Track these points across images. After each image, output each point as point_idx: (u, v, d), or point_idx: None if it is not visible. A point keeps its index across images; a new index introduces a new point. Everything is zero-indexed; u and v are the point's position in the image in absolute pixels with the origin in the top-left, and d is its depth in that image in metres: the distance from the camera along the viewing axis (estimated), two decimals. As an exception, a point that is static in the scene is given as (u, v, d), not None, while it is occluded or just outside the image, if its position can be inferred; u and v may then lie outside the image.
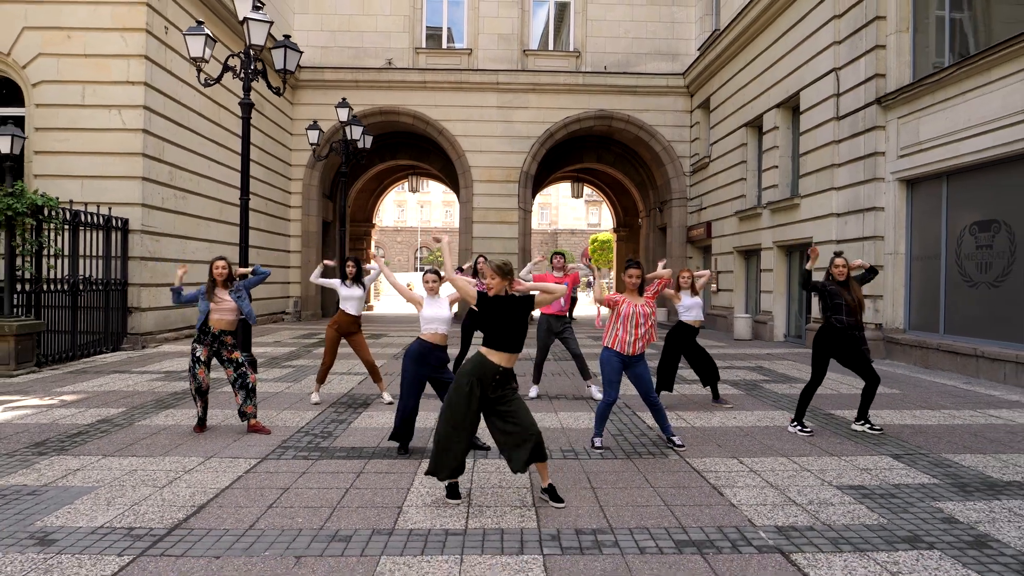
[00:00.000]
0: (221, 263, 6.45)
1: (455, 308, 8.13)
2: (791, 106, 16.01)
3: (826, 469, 5.25)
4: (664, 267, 6.74)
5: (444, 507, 4.35)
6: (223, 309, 6.36)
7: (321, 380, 7.95)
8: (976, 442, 6.19)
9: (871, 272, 6.94)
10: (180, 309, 14.78)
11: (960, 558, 3.60)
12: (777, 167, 16.41)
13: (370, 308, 28.66)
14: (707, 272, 8.38)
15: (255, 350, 12.95)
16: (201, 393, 6.30)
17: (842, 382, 9.68)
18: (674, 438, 5.92)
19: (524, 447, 4.23)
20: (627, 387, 8.29)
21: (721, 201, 19.83)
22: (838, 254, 6.68)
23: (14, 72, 13.40)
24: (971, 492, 4.72)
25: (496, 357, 4.32)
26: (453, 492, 4.50)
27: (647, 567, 3.48)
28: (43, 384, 9.00)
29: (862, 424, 6.61)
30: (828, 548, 3.73)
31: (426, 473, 4.41)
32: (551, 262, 8.59)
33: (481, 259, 8.73)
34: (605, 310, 6.05)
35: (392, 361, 11.72)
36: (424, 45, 22.62)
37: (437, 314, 5.65)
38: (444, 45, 23.19)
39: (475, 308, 4.49)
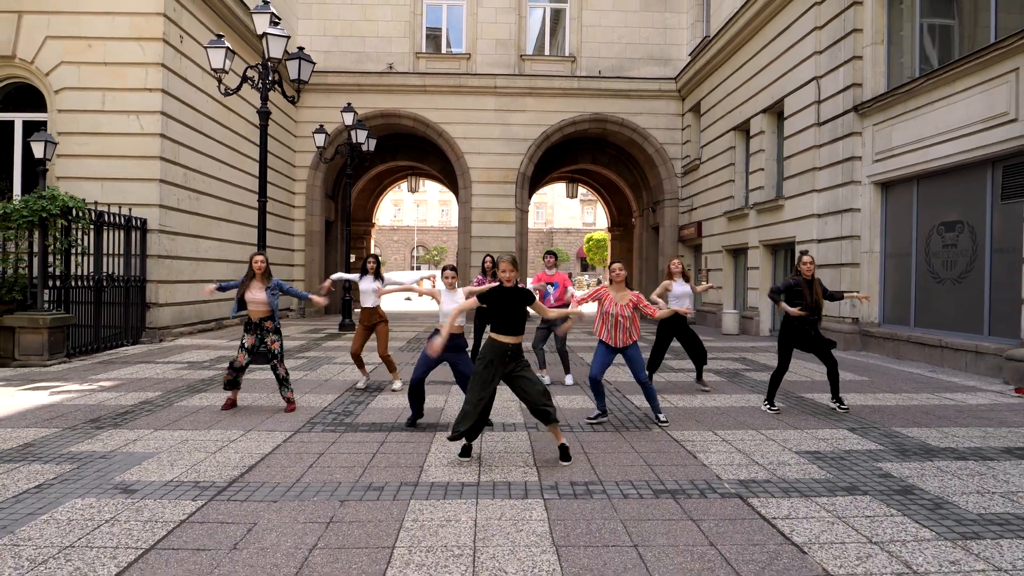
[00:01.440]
0: (260, 257, 7.19)
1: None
2: (776, 111, 16.80)
3: (789, 439, 6.03)
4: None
5: (459, 466, 5.12)
6: (255, 300, 7.11)
7: (359, 366, 8.67)
8: (925, 418, 6.99)
9: (840, 296, 7.72)
10: (195, 305, 15.53)
11: (886, 501, 4.38)
12: (763, 169, 17.20)
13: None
14: (710, 286, 9.27)
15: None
16: (233, 368, 7.06)
17: (816, 371, 10.46)
18: (660, 415, 6.68)
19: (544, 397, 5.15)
20: (619, 374, 9.07)
21: (711, 202, 20.62)
22: (804, 252, 7.45)
23: (37, 79, 14.10)
24: (909, 456, 5.50)
25: (504, 339, 5.14)
26: (466, 452, 5.33)
27: (628, 507, 4.25)
28: (77, 372, 9.73)
29: (835, 402, 7.36)
30: (779, 495, 4.50)
31: (449, 438, 5.20)
32: (543, 260, 9.35)
33: (488, 259, 9.53)
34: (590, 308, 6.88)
35: (397, 353, 12.46)
36: (424, 50, 23.37)
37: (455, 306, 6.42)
38: (443, 50, 23.94)
39: (484, 306, 5.32)
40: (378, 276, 8.55)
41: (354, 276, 8.71)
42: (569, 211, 77.23)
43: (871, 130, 12.91)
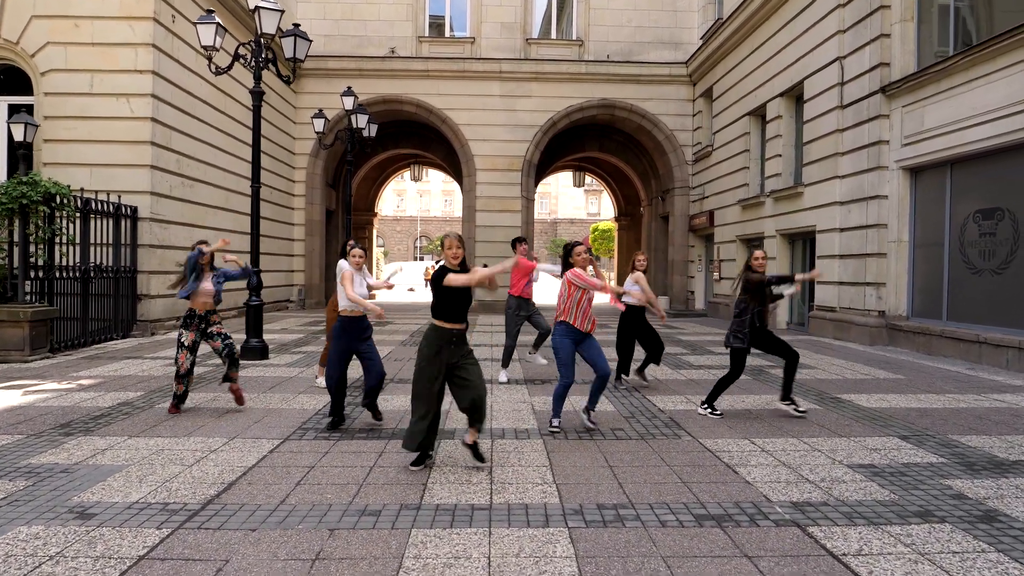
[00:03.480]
0: (207, 248, 6.59)
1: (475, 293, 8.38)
2: (795, 95, 16.08)
3: (836, 449, 5.39)
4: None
5: (468, 484, 4.48)
6: (206, 292, 6.53)
7: (324, 363, 8.04)
8: (981, 424, 6.33)
9: (789, 280, 7.10)
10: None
11: (970, 531, 3.73)
12: (780, 156, 16.49)
13: (372, 297, 28.54)
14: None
15: (265, 336, 13.06)
16: (179, 376, 6.46)
17: (846, 368, 9.81)
18: (591, 412, 6.07)
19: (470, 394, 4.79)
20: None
21: (724, 190, 19.92)
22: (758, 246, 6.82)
23: (23, 61, 13.43)
24: (979, 471, 4.85)
25: (449, 325, 4.81)
26: (420, 459, 4.89)
27: (669, 539, 3.61)
28: (59, 369, 9.12)
29: (788, 404, 6.70)
30: (843, 522, 3.86)
31: (413, 460, 4.90)
32: (514, 249, 8.96)
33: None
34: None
35: (399, 348, 11.83)
36: (427, 34, 22.65)
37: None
38: (447, 34, 23.22)
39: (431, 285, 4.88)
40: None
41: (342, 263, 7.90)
42: (574, 201, 76.40)
43: (900, 112, 12.19)
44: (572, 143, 26.06)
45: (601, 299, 9.33)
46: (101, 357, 10.34)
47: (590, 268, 6.08)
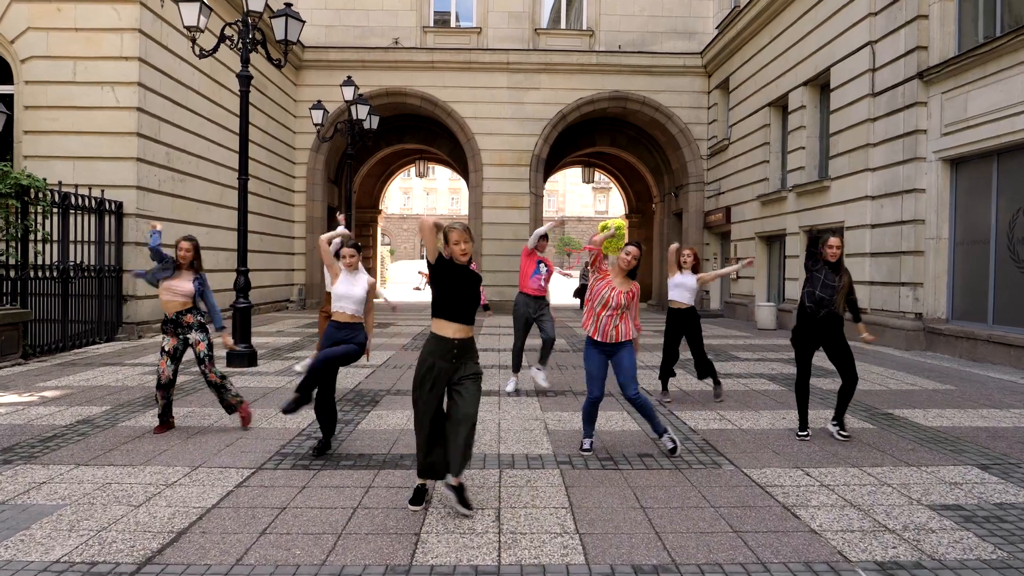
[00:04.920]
0: (187, 244, 5.78)
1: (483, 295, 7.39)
2: (820, 83, 15.18)
3: (909, 483, 4.53)
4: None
5: (471, 534, 3.64)
6: (178, 290, 5.69)
7: None
8: (1067, 449, 5.47)
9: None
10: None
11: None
12: (804, 148, 15.60)
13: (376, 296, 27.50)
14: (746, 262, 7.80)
15: (256, 340, 12.28)
16: (160, 386, 5.66)
17: (888, 376, 8.93)
18: (664, 439, 5.17)
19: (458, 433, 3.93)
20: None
21: (741, 185, 19.03)
22: (834, 233, 5.88)
23: (2, 47, 12.67)
24: (1091, 514, 4.00)
25: (450, 329, 4.00)
26: (418, 498, 4.09)
27: (731, 622, 2.77)
28: (26, 378, 8.33)
29: (835, 425, 5.86)
30: (949, 594, 3.02)
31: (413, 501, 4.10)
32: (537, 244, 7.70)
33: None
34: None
35: (400, 353, 11.02)
36: (432, 24, 21.82)
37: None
38: (452, 24, 22.39)
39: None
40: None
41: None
42: (581, 199, 75.50)
43: (939, 99, 11.29)
44: (582, 138, 25.19)
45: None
46: (77, 364, 9.56)
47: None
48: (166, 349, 5.72)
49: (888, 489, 4.42)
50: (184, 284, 5.74)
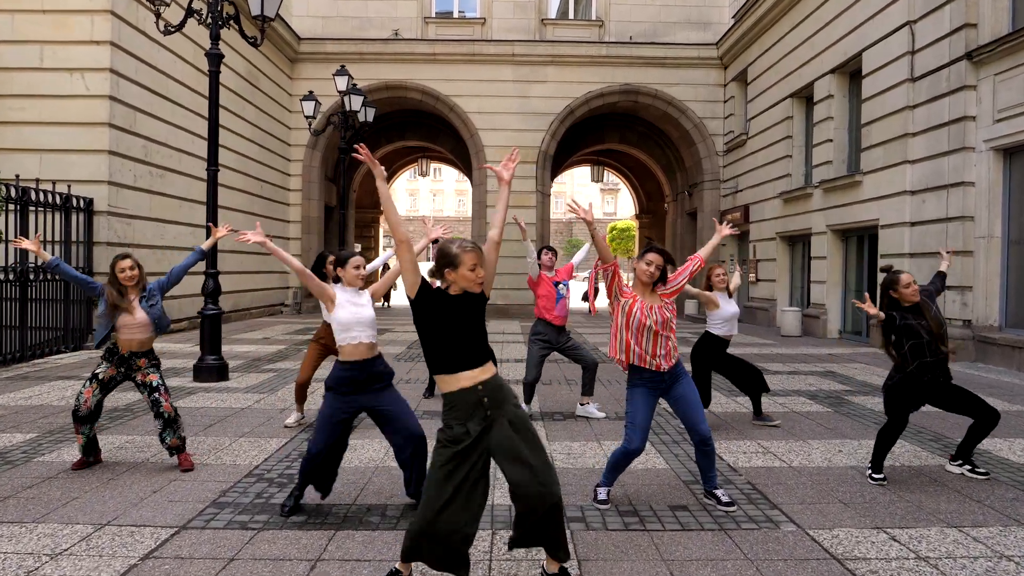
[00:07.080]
0: (127, 262, 4.72)
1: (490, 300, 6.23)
2: (849, 70, 14.06)
3: (1032, 553, 3.43)
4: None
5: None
6: (133, 325, 4.63)
7: (300, 400, 6.16)
8: None
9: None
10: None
11: None
12: (832, 141, 14.47)
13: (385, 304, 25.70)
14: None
15: (237, 348, 11.26)
16: (78, 418, 4.60)
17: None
18: (718, 492, 4.09)
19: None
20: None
21: (761, 182, 17.92)
22: (898, 271, 4.74)
23: (-38, 31, 11.71)
24: None
25: (471, 377, 2.90)
26: None
27: None
28: (-39, 396, 7.31)
29: (961, 464, 4.77)
30: None
31: None
32: (539, 258, 6.56)
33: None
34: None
35: (393, 362, 9.95)
36: (433, 14, 20.80)
37: None
38: (455, 14, 21.37)
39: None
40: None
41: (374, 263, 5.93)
42: (589, 199, 74.40)
43: (991, 82, 10.16)
44: (590, 135, 24.11)
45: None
46: (30, 376, 8.55)
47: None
48: (100, 376, 4.66)
49: (1007, 564, 3.31)
50: (138, 314, 4.68)
